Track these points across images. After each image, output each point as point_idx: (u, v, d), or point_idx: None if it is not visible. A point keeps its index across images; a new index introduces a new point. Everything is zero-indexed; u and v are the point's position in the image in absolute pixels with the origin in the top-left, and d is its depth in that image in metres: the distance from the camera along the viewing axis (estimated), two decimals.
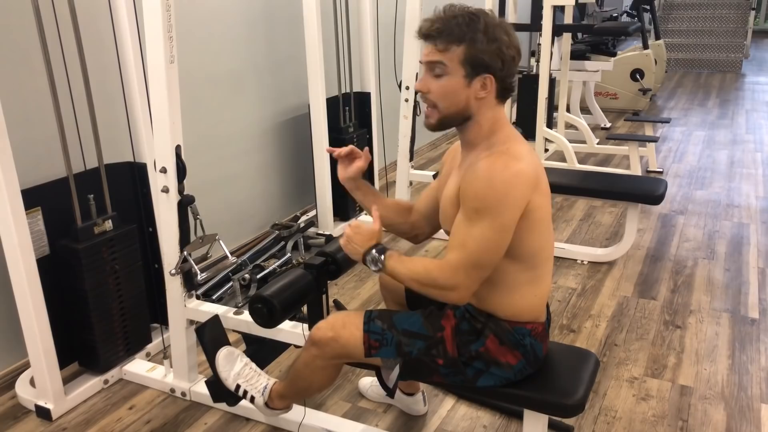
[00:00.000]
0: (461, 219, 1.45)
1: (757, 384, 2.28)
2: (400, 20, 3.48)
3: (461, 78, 1.43)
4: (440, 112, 1.48)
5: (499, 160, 1.42)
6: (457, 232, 1.46)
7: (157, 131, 1.96)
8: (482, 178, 1.41)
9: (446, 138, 5.73)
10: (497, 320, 1.56)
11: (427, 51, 1.45)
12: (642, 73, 6.39)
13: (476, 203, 1.41)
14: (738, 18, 9.33)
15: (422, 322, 1.62)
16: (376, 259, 1.53)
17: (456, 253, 1.44)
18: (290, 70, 3.54)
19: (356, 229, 1.58)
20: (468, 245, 1.43)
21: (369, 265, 1.54)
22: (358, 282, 3.07)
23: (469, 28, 1.40)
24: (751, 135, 5.61)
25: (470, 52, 1.41)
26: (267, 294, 1.70)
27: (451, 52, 1.41)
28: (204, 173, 3.04)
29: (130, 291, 2.32)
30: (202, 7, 2.95)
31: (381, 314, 1.65)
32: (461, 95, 1.45)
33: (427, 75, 1.47)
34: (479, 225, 1.41)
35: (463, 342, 1.57)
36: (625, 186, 3.19)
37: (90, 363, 2.29)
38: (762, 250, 3.34)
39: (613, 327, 2.65)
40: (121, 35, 2.23)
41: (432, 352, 1.58)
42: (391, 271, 1.53)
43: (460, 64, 1.42)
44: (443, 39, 1.41)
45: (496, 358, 1.56)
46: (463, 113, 1.47)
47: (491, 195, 1.39)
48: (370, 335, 1.61)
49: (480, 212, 1.41)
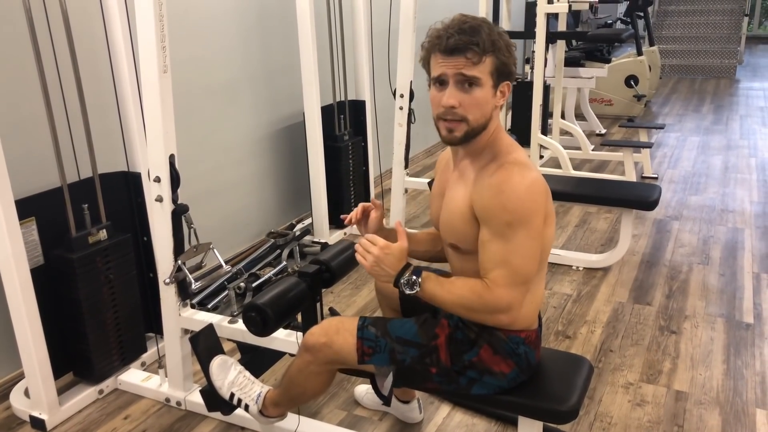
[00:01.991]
0: (491, 237, 1.41)
1: (752, 389, 2.28)
2: (394, 29, 3.50)
3: (490, 88, 1.43)
4: (469, 125, 1.43)
5: (515, 171, 1.42)
6: (492, 250, 1.41)
7: (151, 141, 1.97)
8: (507, 191, 1.39)
9: (442, 146, 5.74)
10: (491, 330, 1.55)
11: (457, 63, 1.39)
12: (636, 79, 6.42)
13: (507, 216, 1.39)
14: (731, 24, 9.38)
15: (416, 330, 1.61)
16: (413, 283, 1.46)
17: (500, 272, 1.40)
18: (285, 78, 3.55)
19: (385, 249, 1.46)
20: (511, 261, 1.40)
21: (403, 288, 1.47)
22: (354, 289, 3.08)
23: (494, 38, 1.40)
24: (746, 140, 5.63)
25: (498, 61, 1.41)
26: (260, 303, 1.70)
27: (483, 63, 1.40)
28: (200, 182, 3.04)
29: (125, 300, 2.32)
30: (196, 16, 2.96)
31: (375, 321, 1.64)
32: (489, 105, 1.44)
33: (454, 88, 1.41)
34: (516, 238, 1.39)
35: (457, 351, 1.57)
36: (619, 192, 3.20)
37: (85, 373, 2.29)
38: (756, 255, 3.35)
39: (609, 333, 2.65)
40: (114, 45, 2.24)
41: (425, 360, 1.57)
42: (430, 296, 1.47)
43: (489, 75, 1.41)
44: (476, 51, 1.38)
45: (490, 367, 1.56)
46: (485, 124, 1.46)
47: (520, 206, 1.39)
48: (363, 342, 1.60)
49: (513, 225, 1.39)
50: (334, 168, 3.55)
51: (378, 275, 1.49)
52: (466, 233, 1.49)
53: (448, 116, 1.44)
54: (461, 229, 1.50)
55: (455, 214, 1.51)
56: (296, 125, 3.62)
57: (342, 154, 3.56)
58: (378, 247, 1.47)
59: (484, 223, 1.43)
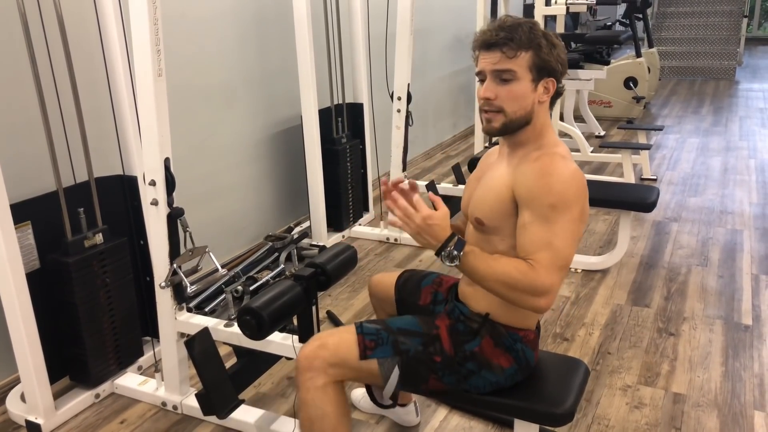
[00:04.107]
0: (534, 219, 1.42)
1: (750, 391, 2.27)
2: (392, 31, 3.50)
3: (529, 82, 1.47)
4: (506, 116, 1.49)
5: (557, 159, 1.46)
6: (535, 232, 1.42)
7: (146, 144, 1.97)
8: (553, 174, 1.42)
9: (441, 148, 5.74)
10: (493, 323, 1.57)
11: (493, 58, 1.46)
12: (635, 81, 6.42)
13: (551, 198, 1.40)
14: (731, 26, 9.39)
15: (417, 321, 1.62)
16: (454, 256, 1.42)
17: (544, 254, 1.40)
18: (282, 81, 3.55)
19: (428, 220, 1.41)
20: (555, 244, 1.40)
21: (443, 260, 1.44)
22: (352, 293, 3.07)
23: (533, 34, 1.46)
24: (745, 142, 5.63)
25: (537, 57, 1.46)
26: (255, 306, 1.70)
27: (519, 58, 1.45)
28: (197, 186, 3.04)
29: (121, 304, 2.32)
30: (191, 19, 2.96)
31: (371, 320, 1.65)
32: (528, 99, 1.48)
33: (492, 82, 1.48)
34: (560, 221, 1.40)
35: (459, 341, 1.58)
36: (617, 194, 3.20)
37: (81, 377, 2.28)
38: (755, 257, 3.34)
39: (607, 335, 2.65)
40: (109, 48, 2.24)
41: (429, 349, 1.57)
42: (471, 269, 1.44)
43: (527, 70, 1.46)
44: (511, 46, 1.44)
45: (490, 359, 1.56)
46: (526, 117, 1.50)
47: (564, 189, 1.41)
48: (364, 336, 1.58)
49: (557, 208, 1.40)
50: (332, 171, 3.55)
51: (419, 242, 1.47)
52: (496, 211, 1.50)
53: (486, 107, 1.51)
54: (493, 205, 1.51)
55: (491, 190, 1.53)
56: (294, 128, 3.62)
57: (340, 157, 3.56)
58: (421, 216, 1.42)
59: (527, 205, 1.44)
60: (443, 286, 1.82)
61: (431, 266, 3.34)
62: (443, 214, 1.44)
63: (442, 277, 1.86)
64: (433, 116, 5.56)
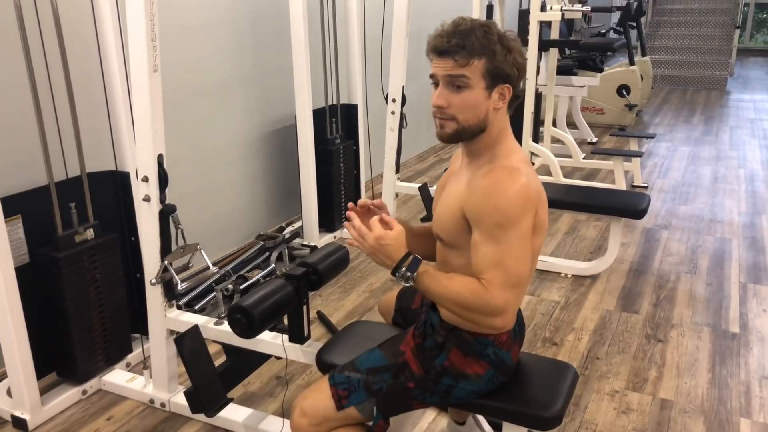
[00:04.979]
0: (483, 239, 1.41)
1: (736, 398, 2.29)
2: (387, 34, 3.51)
3: (482, 90, 1.43)
4: (459, 124, 1.45)
5: (505, 174, 1.43)
6: (485, 251, 1.41)
7: (140, 140, 1.96)
8: (496, 193, 1.40)
9: (434, 150, 5.75)
10: (459, 332, 1.55)
11: (445, 65, 1.42)
12: (628, 88, 6.46)
13: (497, 217, 1.39)
14: (723, 36, 9.47)
15: (382, 355, 1.61)
16: (408, 277, 1.42)
17: (494, 273, 1.39)
18: (277, 81, 3.55)
19: (380, 240, 1.41)
20: (505, 263, 1.39)
21: (399, 280, 1.44)
22: (343, 293, 3.07)
23: (487, 40, 1.40)
24: (735, 151, 5.67)
25: (491, 64, 1.41)
26: (246, 304, 1.69)
27: (472, 65, 1.40)
28: (189, 183, 3.03)
29: (111, 300, 2.31)
30: (188, 16, 2.95)
31: (342, 366, 1.62)
32: (482, 107, 1.44)
33: (445, 89, 1.44)
34: (507, 239, 1.39)
35: (427, 359, 1.56)
36: (608, 200, 3.22)
37: (68, 373, 2.27)
38: (743, 266, 3.37)
39: (596, 340, 2.66)
40: (104, 43, 2.23)
41: (400, 379, 1.56)
42: (425, 290, 1.44)
43: (481, 77, 1.42)
44: (463, 54, 1.39)
45: (463, 370, 1.55)
46: (481, 125, 1.46)
47: (509, 207, 1.39)
48: (336, 387, 1.57)
49: (504, 226, 1.39)
50: (325, 171, 3.54)
51: (376, 262, 1.46)
52: (451, 229, 1.51)
53: (438, 115, 1.47)
54: (449, 223, 1.51)
55: (446, 208, 1.53)
56: (288, 128, 3.62)
57: (333, 158, 3.56)
58: (374, 236, 1.41)
59: (475, 224, 1.43)
60: None
61: None
62: (396, 233, 1.42)
63: None
64: (427, 119, 5.55)
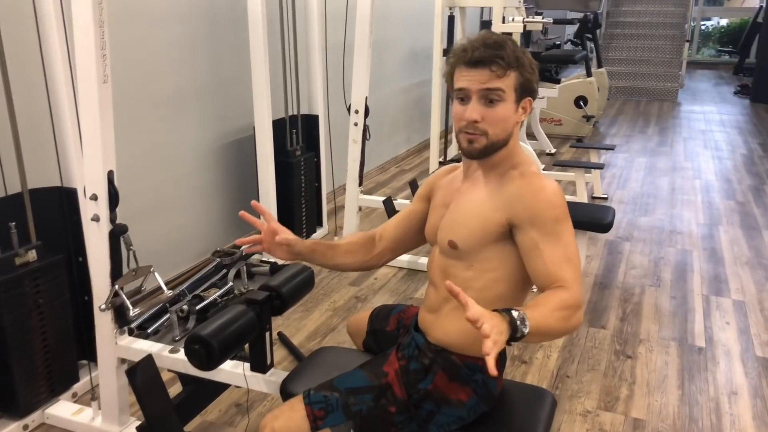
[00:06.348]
0: (544, 239, 1.35)
1: (707, 415, 2.26)
2: (349, 43, 3.42)
3: (512, 103, 1.41)
4: (489, 139, 1.41)
5: (538, 175, 1.43)
6: (551, 252, 1.35)
7: (88, 155, 1.82)
8: (546, 188, 1.39)
9: (395, 161, 5.68)
10: (447, 354, 1.48)
11: (481, 77, 1.37)
12: (585, 100, 6.53)
13: (555, 212, 1.36)
14: (673, 49, 9.72)
15: (364, 375, 1.52)
16: (523, 333, 1.19)
17: (569, 271, 1.34)
18: (235, 90, 3.42)
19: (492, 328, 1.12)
20: (571, 257, 1.36)
21: (519, 342, 1.21)
22: (304, 312, 2.95)
23: (518, 53, 1.39)
24: (690, 162, 5.78)
25: (522, 77, 1.40)
26: (204, 334, 1.57)
27: (508, 78, 1.38)
28: (141, 198, 2.88)
29: (56, 326, 2.14)
30: (139, 21, 2.81)
31: (319, 385, 1.53)
32: (511, 121, 1.42)
33: (477, 103, 1.39)
34: (565, 233, 1.37)
35: (411, 382, 1.49)
36: (574, 213, 3.15)
37: (8, 407, 2.09)
38: (705, 277, 3.39)
39: (565, 357, 2.61)
40: (49, 50, 2.08)
41: (381, 401, 1.48)
42: (536, 332, 1.21)
43: (513, 90, 1.39)
44: (501, 64, 1.36)
45: (446, 395, 1.47)
46: (507, 139, 1.44)
47: (560, 200, 1.39)
48: (312, 406, 1.47)
49: (560, 221, 1.37)
50: (286, 184, 3.43)
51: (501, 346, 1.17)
52: (477, 236, 1.43)
53: (469, 130, 1.42)
54: (474, 229, 1.43)
55: (474, 215, 1.45)
56: (246, 139, 3.49)
57: (294, 170, 3.45)
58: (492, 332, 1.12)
59: (531, 224, 1.37)
60: (407, 313, 1.75)
61: (386, 284, 3.26)
62: (489, 315, 1.15)
63: (410, 308, 1.78)
64: (388, 130, 5.50)
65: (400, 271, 3.41)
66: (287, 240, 1.59)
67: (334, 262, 1.67)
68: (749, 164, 5.73)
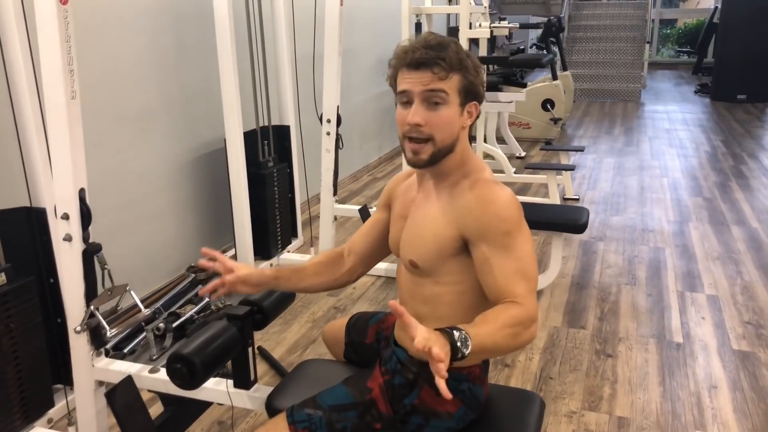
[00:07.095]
0: (494, 253, 1.32)
1: (689, 410, 2.29)
2: (319, 52, 3.41)
3: (457, 107, 1.36)
4: (435, 146, 1.36)
5: (490, 185, 1.38)
6: (500, 266, 1.31)
7: (58, 174, 1.76)
8: (496, 201, 1.34)
9: (367, 170, 5.67)
10: (430, 368, 1.46)
11: (423, 79, 1.33)
12: (552, 103, 6.61)
13: (504, 226, 1.32)
14: (634, 51, 9.91)
15: (347, 391, 1.49)
16: (464, 354, 1.16)
17: (520, 285, 1.31)
18: (204, 103, 3.38)
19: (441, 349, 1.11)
20: (523, 270, 1.32)
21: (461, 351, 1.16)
22: (284, 325, 2.92)
23: (461, 55, 1.35)
24: (656, 161, 5.88)
25: (465, 79, 1.35)
26: (186, 352, 1.53)
27: (450, 80, 1.33)
28: (112, 216, 2.81)
29: (28, 351, 2.07)
30: (106, 36, 2.75)
31: (302, 402, 1.50)
32: (456, 125, 1.38)
33: (419, 105, 1.34)
34: (517, 246, 1.32)
35: (396, 397, 1.46)
36: (548, 216, 3.21)
37: None
38: (678, 273, 3.44)
39: (547, 359, 2.62)
40: (12, 66, 2.02)
41: (366, 418, 1.45)
42: (480, 345, 1.18)
43: (457, 93, 1.35)
44: (443, 66, 1.32)
45: (434, 408, 1.45)
46: (452, 145, 1.39)
47: (511, 213, 1.34)
48: (296, 425, 1.44)
49: (511, 233, 1.33)
50: (259, 196, 3.39)
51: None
52: (434, 252, 1.40)
53: (413, 134, 1.36)
54: (430, 246, 1.40)
55: (428, 231, 1.42)
56: (217, 152, 3.44)
57: (267, 181, 3.41)
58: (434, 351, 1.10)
59: (481, 239, 1.34)
60: (386, 323, 1.73)
61: (365, 293, 3.24)
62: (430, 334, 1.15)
63: (388, 316, 1.76)
64: (359, 138, 5.49)
65: (379, 279, 3.40)
66: (243, 277, 1.55)
67: (303, 286, 1.64)
68: (713, 161, 5.86)
